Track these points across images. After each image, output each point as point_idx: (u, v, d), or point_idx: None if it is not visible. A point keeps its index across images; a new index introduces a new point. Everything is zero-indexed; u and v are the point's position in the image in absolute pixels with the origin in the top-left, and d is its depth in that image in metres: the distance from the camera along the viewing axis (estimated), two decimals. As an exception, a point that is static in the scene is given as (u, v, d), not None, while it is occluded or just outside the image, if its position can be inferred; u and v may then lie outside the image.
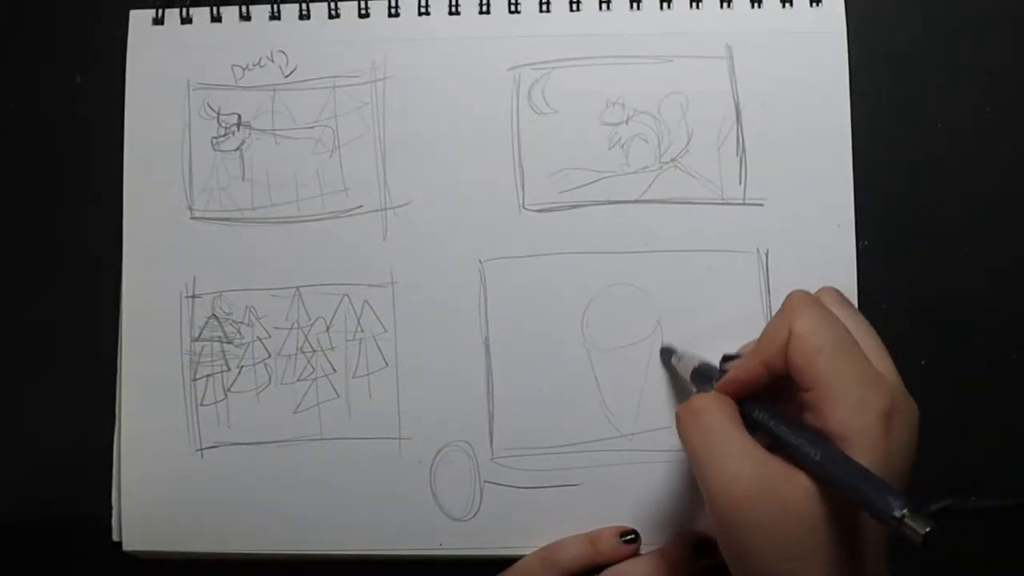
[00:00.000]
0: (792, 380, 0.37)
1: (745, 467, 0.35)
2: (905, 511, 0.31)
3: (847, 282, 0.46)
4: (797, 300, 0.38)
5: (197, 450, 0.47)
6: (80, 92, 0.50)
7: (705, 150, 0.47)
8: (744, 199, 0.47)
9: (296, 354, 0.47)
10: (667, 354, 0.46)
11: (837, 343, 0.36)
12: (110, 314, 0.48)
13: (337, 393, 0.47)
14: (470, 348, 0.47)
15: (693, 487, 0.46)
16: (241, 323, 0.47)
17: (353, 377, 0.47)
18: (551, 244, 0.47)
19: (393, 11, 0.48)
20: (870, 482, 0.33)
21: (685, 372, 0.44)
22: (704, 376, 0.42)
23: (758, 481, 0.35)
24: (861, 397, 0.35)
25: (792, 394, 0.37)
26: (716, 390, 0.39)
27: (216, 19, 0.49)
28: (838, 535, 0.35)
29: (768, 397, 0.38)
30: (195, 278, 0.47)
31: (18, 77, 0.50)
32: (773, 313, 0.40)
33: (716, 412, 0.37)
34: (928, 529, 0.30)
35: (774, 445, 0.37)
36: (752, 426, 0.38)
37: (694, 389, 0.43)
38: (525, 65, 0.47)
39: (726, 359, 0.41)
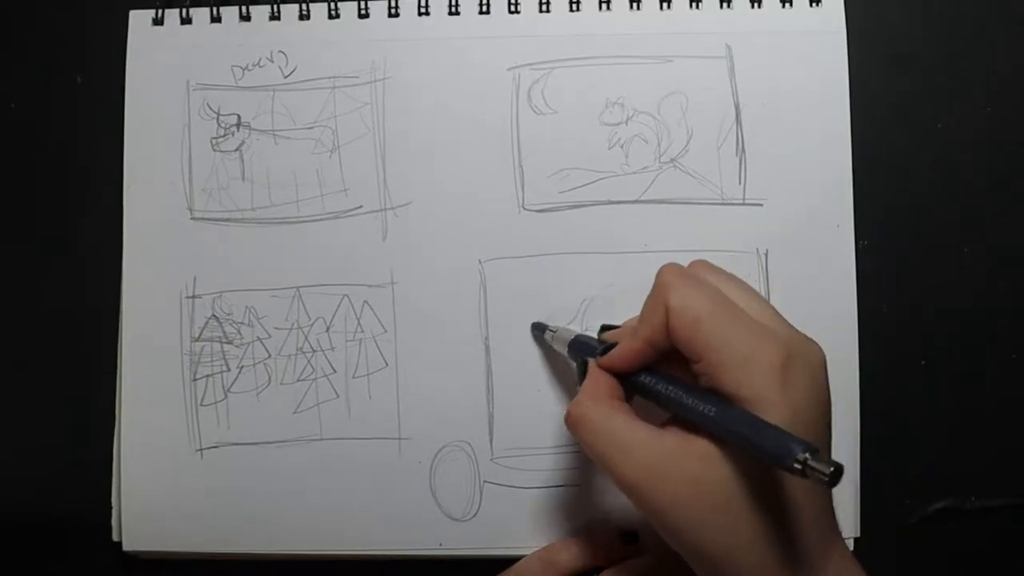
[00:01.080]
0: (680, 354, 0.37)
1: (639, 455, 0.36)
2: (807, 455, 0.30)
3: (847, 282, 0.46)
4: (668, 275, 0.37)
5: (197, 450, 0.47)
6: (80, 92, 0.50)
7: (705, 150, 0.47)
8: (744, 199, 0.47)
9: (296, 354, 0.47)
10: (539, 330, 0.46)
11: (714, 310, 0.36)
12: (110, 314, 0.48)
13: (337, 393, 0.47)
14: (470, 348, 0.47)
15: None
16: (241, 323, 0.47)
17: (353, 377, 0.47)
18: (551, 244, 0.47)
19: (393, 11, 0.48)
20: (767, 431, 0.32)
21: (561, 346, 0.44)
22: (582, 348, 0.42)
23: (655, 464, 0.35)
24: (748, 355, 0.35)
25: (684, 368, 0.37)
26: (599, 365, 0.39)
27: (216, 19, 0.49)
28: (755, 496, 0.34)
29: (664, 370, 0.38)
30: (195, 278, 0.48)
31: (18, 77, 0.50)
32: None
33: (597, 413, 0.37)
34: (832, 468, 0.30)
35: (673, 418, 0.37)
36: (646, 394, 0.38)
37: (572, 363, 0.43)
38: (525, 65, 0.47)
39: (604, 328, 0.42)
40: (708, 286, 0.37)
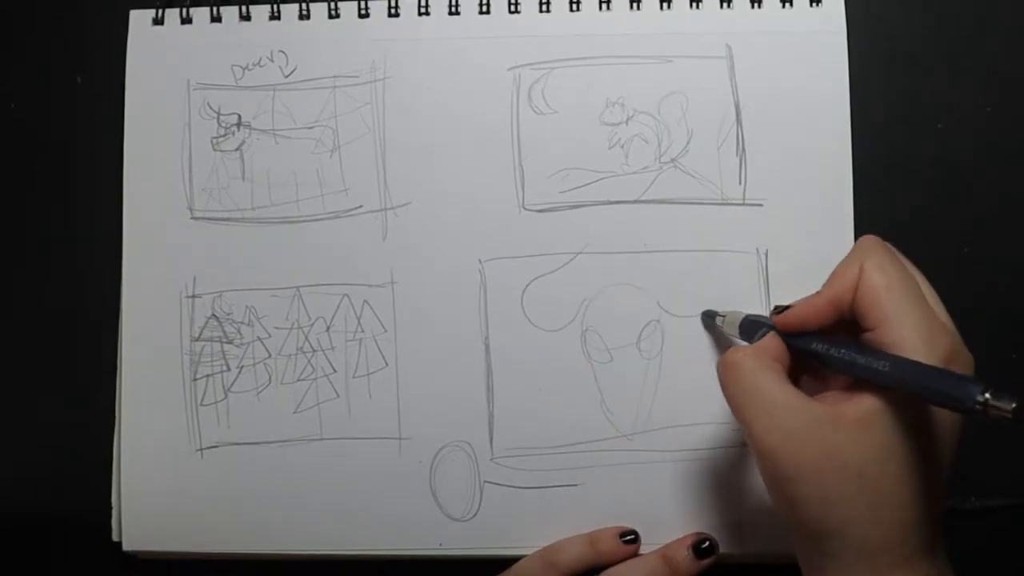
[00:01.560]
0: (856, 323, 0.37)
1: (786, 416, 0.36)
2: (988, 393, 0.30)
3: (847, 282, 0.46)
4: (869, 241, 0.38)
5: (197, 450, 0.47)
6: (80, 92, 0.50)
7: (705, 150, 0.47)
8: (744, 199, 0.47)
9: (296, 354, 0.47)
10: (709, 318, 0.46)
11: (905, 283, 0.36)
12: (110, 314, 0.48)
13: (337, 393, 0.47)
14: (470, 348, 0.47)
15: (693, 487, 0.46)
16: (241, 323, 0.47)
17: (353, 377, 0.47)
18: (551, 244, 0.47)
19: (393, 11, 0.48)
20: (944, 375, 0.32)
21: (732, 329, 0.44)
22: (754, 327, 0.42)
23: (796, 430, 0.35)
24: (926, 338, 0.35)
25: (853, 338, 0.37)
26: (775, 323, 0.39)
27: (216, 19, 0.49)
28: (892, 469, 0.34)
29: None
30: (195, 278, 0.47)
31: (18, 77, 0.50)
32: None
33: (752, 364, 0.37)
34: (1015, 404, 0.29)
35: (824, 385, 0.38)
36: (816, 357, 0.38)
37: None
38: (525, 65, 0.47)
39: (778, 310, 0.41)
40: (904, 263, 0.38)
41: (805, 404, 0.36)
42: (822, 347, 0.38)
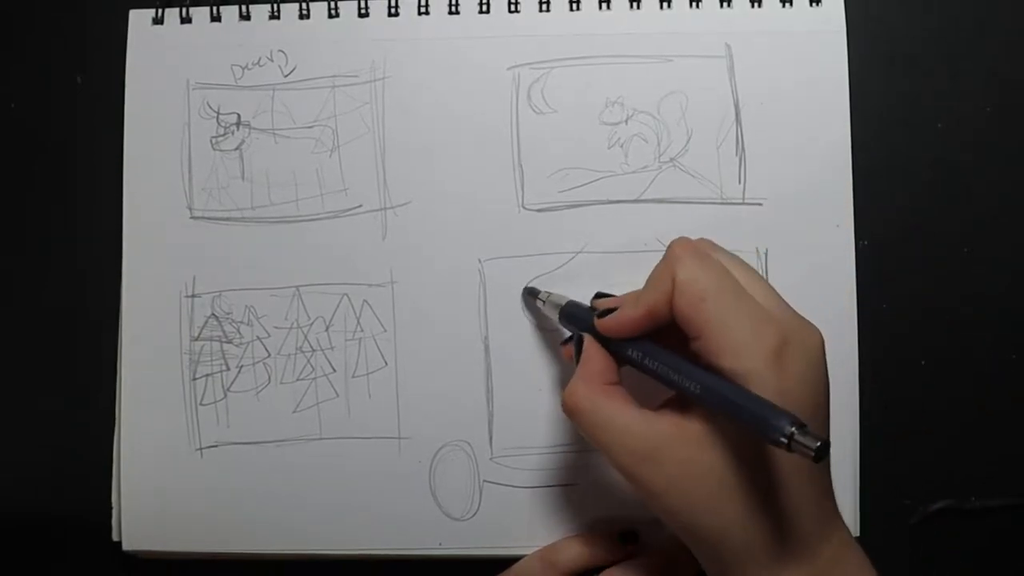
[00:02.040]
0: (680, 329, 0.37)
1: (636, 441, 0.36)
2: (794, 429, 0.30)
3: (847, 282, 0.46)
4: (679, 248, 0.38)
5: (197, 450, 0.47)
6: (80, 92, 0.50)
7: (704, 150, 0.47)
8: (743, 199, 0.47)
9: (295, 354, 0.47)
10: (530, 295, 0.46)
11: (721, 289, 0.36)
12: (110, 314, 0.48)
13: (336, 393, 0.47)
14: (470, 348, 0.47)
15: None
16: (241, 323, 0.47)
17: (352, 377, 0.47)
18: (551, 244, 0.47)
19: (393, 11, 0.48)
20: (755, 403, 0.32)
21: (552, 312, 0.44)
22: (575, 317, 0.42)
23: (648, 449, 0.36)
24: (748, 338, 0.35)
25: (682, 343, 0.37)
26: (597, 326, 0.40)
27: (216, 19, 0.49)
28: (747, 477, 0.35)
29: (663, 343, 0.38)
30: (195, 278, 0.48)
31: (18, 77, 0.50)
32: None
33: (589, 403, 0.38)
34: (819, 443, 0.30)
35: (670, 399, 0.38)
36: (636, 366, 0.38)
37: (563, 330, 0.43)
38: (525, 65, 0.47)
39: (599, 296, 0.42)
40: (716, 264, 0.37)
41: (651, 423, 0.37)
42: (637, 355, 0.38)
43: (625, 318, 0.39)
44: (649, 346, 0.38)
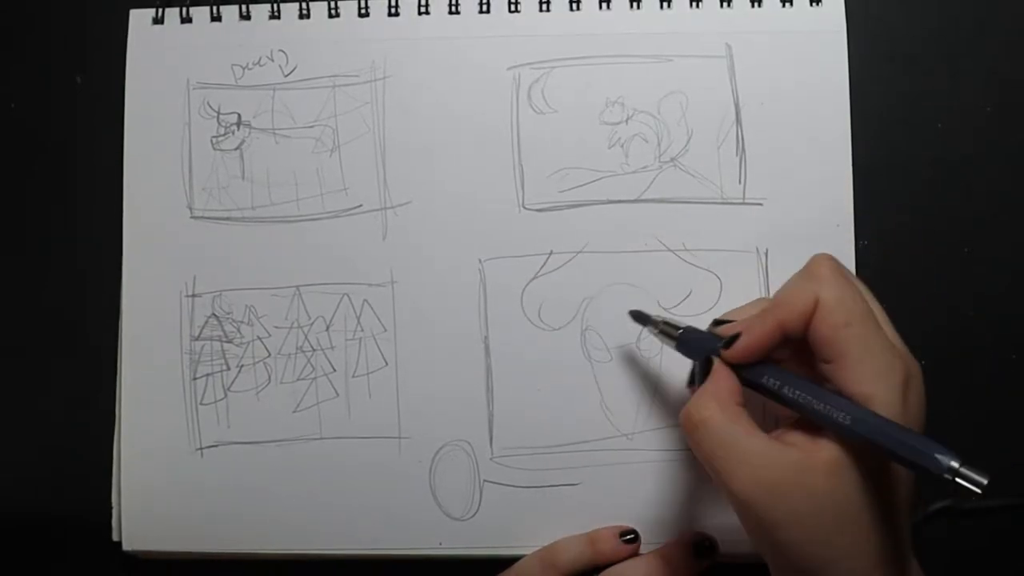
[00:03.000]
0: (808, 348, 0.36)
1: (764, 467, 0.35)
2: (959, 463, 0.30)
3: (847, 282, 0.46)
4: (824, 266, 0.37)
5: (197, 449, 0.47)
6: (80, 92, 0.50)
7: (705, 150, 0.47)
8: (744, 199, 0.47)
9: (296, 353, 0.47)
10: (639, 319, 0.45)
11: (865, 314, 0.36)
12: (110, 314, 0.48)
13: (337, 392, 0.47)
14: (470, 348, 0.47)
15: (693, 487, 0.46)
16: (241, 322, 0.47)
17: (353, 376, 0.47)
18: (551, 244, 0.47)
19: (393, 11, 0.48)
20: (914, 439, 0.32)
21: (667, 340, 0.43)
22: (697, 343, 0.41)
23: (775, 479, 0.35)
24: (885, 368, 0.35)
25: (803, 362, 0.37)
26: (724, 357, 0.38)
27: (216, 18, 0.49)
28: (864, 505, 0.35)
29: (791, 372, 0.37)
30: (195, 277, 0.48)
31: (18, 77, 0.50)
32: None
33: (720, 419, 0.36)
34: (987, 480, 0.30)
35: (794, 423, 0.37)
36: (767, 394, 0.37)
37: (677, 353, 0.42)
38: (525, 64, 0.47)
39: (717, 323, 0.40)
40: (858, 289, 0.37)
41: (780, 452, 0.35)
42: (775, 383, 0.37)
43: (757, 335, 0.37)
44: (786, 374, 0.37)
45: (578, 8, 0.48)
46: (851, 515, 0.35)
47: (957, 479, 0.30)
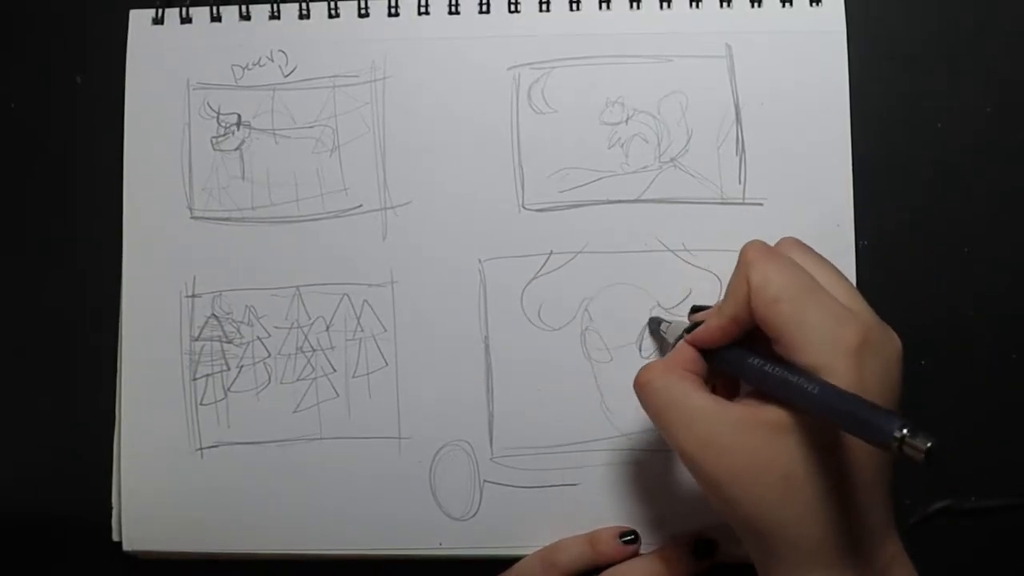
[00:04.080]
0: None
1: (705, 423, 0.36)
2: (905, 431, 0.30)
3: (847, 282, 0.46)
4: (751, 252, 0.38)
5: (197, 450, 0.47)
6: (80, 92, 0.50)
7: (705, 150, 0.47)
8: (744, 199, 0.47)
9: (296, 354, 0.47)
10: (656, 324, 0.46)
11: (795, 289, 0.36)
12: (110, 314, 0.48)
13: (337, 393, 0.47)
14: (470, 348, 0.47)
15: (693, 487, 0.46)
16: (241, 322, 0.47)
17: (353, 377, 0.47)
18: (551, 244, 0.47)
19: (393, 11, 0.48)
20: (864, 408, 0.32)
21: (672, 338, 0.44)
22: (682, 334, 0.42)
23: (715, 435, 0.36)
24: (826, 335, 0.35)
25: (769, 348, 0.37)
26: (686, 342, 0.40)
27: (216, 19, 0.49)
28: (815, 472, 0.35)
29: (755, 345, 0.38)
30: (195, 278, 0.48)
31: (18, 77, 0.50)
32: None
33: (661, 380, 0.38)
34: (930, 444, 0.29)
35: (748, 392, 0.38)
36: (736, 370, 0.38)
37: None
38: (525, 65, 0.47)
39: (695, 310, 0.42)
40: (788, 264, 0.37)
41: (722, 408, 0.36)
42: (735, 362, 0.38)
43: (711, 327, 0.39)
44: (747, 354, 0.38)
45: (578, 8, 0.48)
46: (796, 481, 0.35)
47: (904, 448, 0.30)
